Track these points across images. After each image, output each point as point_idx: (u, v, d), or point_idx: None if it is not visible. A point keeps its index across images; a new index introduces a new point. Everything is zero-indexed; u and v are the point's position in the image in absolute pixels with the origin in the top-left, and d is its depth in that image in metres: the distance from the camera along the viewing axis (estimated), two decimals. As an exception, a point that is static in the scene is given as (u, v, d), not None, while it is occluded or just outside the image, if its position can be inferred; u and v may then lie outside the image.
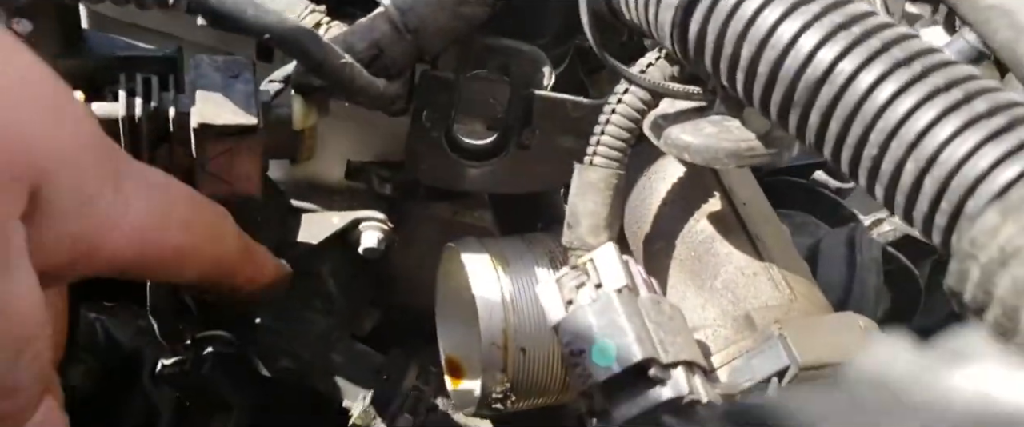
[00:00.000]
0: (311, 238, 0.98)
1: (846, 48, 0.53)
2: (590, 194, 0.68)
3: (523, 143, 0.82)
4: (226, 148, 0.74)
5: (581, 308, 0.62)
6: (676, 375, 0.59)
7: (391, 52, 0.74)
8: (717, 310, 0.67)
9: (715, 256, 0.70)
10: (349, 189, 1.03)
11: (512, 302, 0.82)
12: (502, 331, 0.81)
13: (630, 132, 0.67)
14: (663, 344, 0.60)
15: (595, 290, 0.62)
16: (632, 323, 0.59)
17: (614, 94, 0.68)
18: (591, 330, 0.60)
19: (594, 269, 0.63)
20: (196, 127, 0.71)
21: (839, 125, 0.52)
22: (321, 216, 1.00)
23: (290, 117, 0.78)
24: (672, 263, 0.72)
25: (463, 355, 0.95)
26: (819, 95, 0.53)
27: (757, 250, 0.70)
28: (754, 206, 0.74)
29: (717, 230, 0.71)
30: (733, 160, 0.62)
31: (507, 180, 0.87)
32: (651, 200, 0.75)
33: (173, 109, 0.72)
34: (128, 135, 0.72)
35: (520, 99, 0.79)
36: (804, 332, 0.62)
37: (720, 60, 0.58)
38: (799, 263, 0.72)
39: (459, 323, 0.95)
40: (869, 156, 0.51)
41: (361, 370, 0.98)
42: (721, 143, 0.62)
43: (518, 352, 0.81)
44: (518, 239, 0.89)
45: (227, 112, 0.72)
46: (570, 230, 0.69)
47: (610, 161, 0.67)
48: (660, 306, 0.62)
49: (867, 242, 0.86)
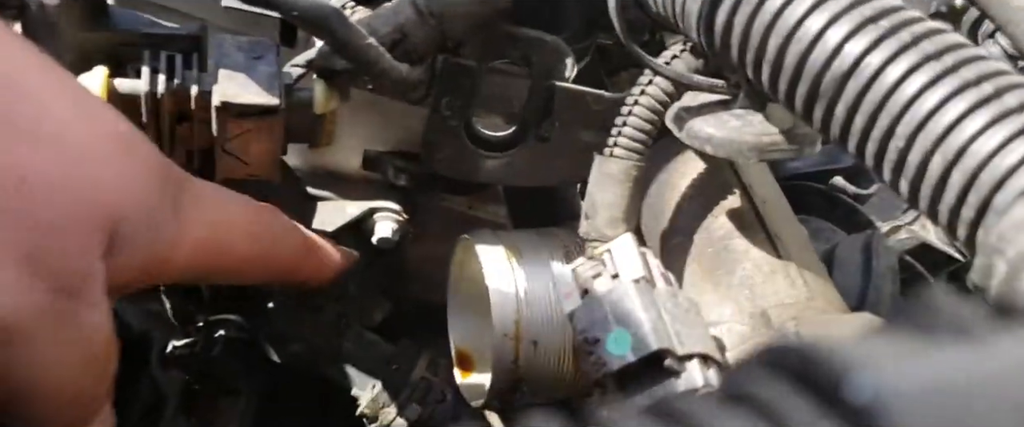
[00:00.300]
0: (326, 226, 0.98)
1: (874, 41, 0.52)
2: (609, 185, 0.67)
3: (542, 135, 0.82)
4: (246, 129, 0.74)
5: (597, 297, 0.61)
6: (691, 367, 0.59)
7: (414, 37, 0.74)
8: (733, 306, 0.67)
9: (733, 253, 0.70)
10: (364, 179, 1.03)
11: (525, 294, 0.81)
12: (514, 323, 0.80)
13: (652, 124, 0.66)
14: (679, 336, 0.59)
15: (611, 280, 0.62)
16: (648, 313, 0.59)
17: (637, 85, 0.68)
18: (607, 319, 0.60)
19: (611, 259, 0.63)
20: (218, 105, 0.71)
21: (865, 119, 0.52)
22: (336, 204, 1.00)
23: (311, 100, 0.78)
24: (689, 259, 0.72)
25: (474, 347, 0.94)
26: (846, 88, 0.53)
27: (775, 248, 0.69)
28: (773, 204, 0.73)
29: (735, 227, 0.70)
30: (755, 154, 0.62)
31: (524, 173, 0.87)
32: (669, 195, 0.75)
33: (195, 87, 0.72)
34: (150, 112, 0.72)
35: (541, 90, 0.79)
36: (820, 330, 0.62)
37: (746, 53, 0.58)
38: (817, 263, 0.71)
39: (471, 315, 0.95)
40: (895, 149, 0.50)
41: (371, 359, 0.97)
42: (743, 137, 0.62)
43: (530, 344, 0.81)
44: (532, 233, 0.89)
45: (249, 92, 0.72)
46: (587, 220, 0.69)
47: (631, 153, 0.67)
48: (676, 298, 0.62)
49: (884, 249, 0.85)
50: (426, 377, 0.97)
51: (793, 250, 0.70)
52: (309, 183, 1.01)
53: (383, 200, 1.00)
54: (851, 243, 0.87)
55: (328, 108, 0.80)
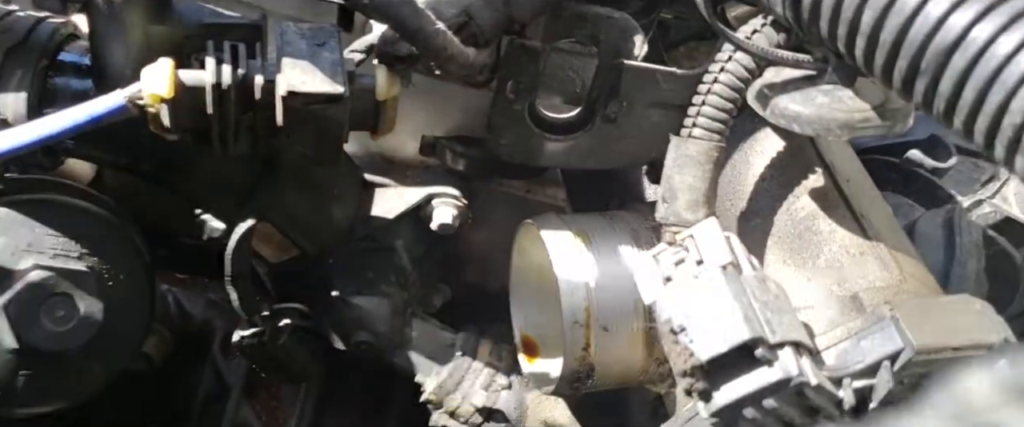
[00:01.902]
0: (386, 213, 0.97)
1: (981, 12, 0.49)
2: (688, 168, 0.65)
3: (609, 116, 0.80)
4: (311, 117, 0.73)
5: (682, 285, 0.59)
6: (784, 356, 0.57)
7: (480, 19, 0.72)
8: (821, 290, 0.65)
9: (817, 234, 0.67)
10: (422, 164, 1.02)
11: (595, 281, 0.80)
12: (585, 309, 0.79)
13: (733, 103, 0.64)
14: (770, 324, 0.57)
15: (696, 266, 0.60)
16: (739, 301, 0.57)
17: (716, 62, 0.65)
18: (694, 308, 0.58)
19: (694, 245, 0.61)
20: (283, 95, 0.70)
21: (975, 93, 0.49)
22: (395, 191, 0.99)
23: (374, 87, 0.77)
24: (770, 241, 0.69)
25: (538, 333, 0.93)
26: (950, 62, 0.50)
27: (862, 228, 0.66)
28: (858, 183, 0.70)
29: (819, 207, 0.68)
30: (846, 131, 0.59)
31: (589, 155, 0.85)
32: (747, 175, 0.73)
33: (260, 77, 0.71)
34: (215, 103, 0.71)
35: (608, 69, 0.77)
36: (917, 314, 0.59)
37: (838, 26, 0.55)
38: (906, 242, 0.68)
39: (534, 301, 0.94)
40: (1011, 125, 0.48)
41: (435, 346, 0.97)
42: (834, 114, 0.59)
43: (601, 331, 0.79)
44: (599, 216, 0.87)
45: (314, 80, 0.71)
46: (666, 205, 0.67)
47: (711, 133, 0.64)
48: (765, 284, 0.60)
49: (967, 224, 0.82)
50: (491, 362, 0.96)
51: (881, 229, 0.67)
52: (366, 170, 1.00)
53: (441, 186, 0.99)
54: (931, 219, 0.84)
55: (390, 94, 0.79)
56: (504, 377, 0.96)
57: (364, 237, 0.94)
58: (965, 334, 0.59)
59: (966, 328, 0.60)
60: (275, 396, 1.13)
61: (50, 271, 0.80)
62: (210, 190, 0.87)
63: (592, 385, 0.83)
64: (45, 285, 0.79)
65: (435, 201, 0.98)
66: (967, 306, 0.61)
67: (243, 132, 0.75)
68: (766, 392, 0.56)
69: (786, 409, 0.58)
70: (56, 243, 0.82)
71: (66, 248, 0.82)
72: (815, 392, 0.58)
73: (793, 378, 0.56)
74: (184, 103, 0.71)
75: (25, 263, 0.79)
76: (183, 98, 0.71)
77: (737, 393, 0.56)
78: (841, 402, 0.59)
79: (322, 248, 0.92)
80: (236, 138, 0.76)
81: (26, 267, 0.79)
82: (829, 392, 0.58)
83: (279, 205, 0.85)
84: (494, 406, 0.95)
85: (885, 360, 0.58)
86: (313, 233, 0.91)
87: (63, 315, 0.79)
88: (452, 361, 0.95)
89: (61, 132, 0.71)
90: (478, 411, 0.95)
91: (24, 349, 0.78)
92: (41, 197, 0.83)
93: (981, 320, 0.60)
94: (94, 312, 0.80)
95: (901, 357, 0.57)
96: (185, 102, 0.71)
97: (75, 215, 0.84)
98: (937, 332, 0.58)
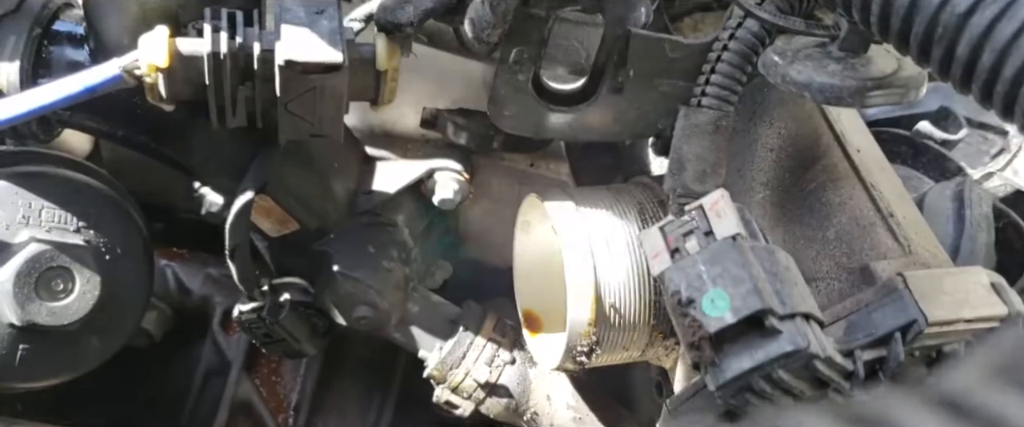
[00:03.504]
0: (387, 187, 0.96)
1: (1001, -26, 0.48)
2: (697, 138, 0.64)
3: (615, 86, 0.78)
4: (310, 86, 0.72)
5: (690, 257, 0.58)
6: (793, 327, 0.56)
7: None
8: (830, 262, 0.64)
9: (827, 205, 0.66)
10: (423, 138, 1.01)
11: (600, 253, 0.78)
12: (590, 284, 0.78)
13: (742, 71, 0.62)
14: (779, 295, 0.56)
15: (705, 238, 0.59)
16: (747, 272, 0.56)
17: (725, 30, 0.64)
18: (702, 279, 0.57)
19: (703, 216, 0.60)
20: (281, 64, 0.69)
21: (993, 58, 0.48)
22: (396, 165, 0.98)
23: (374, 56, 0.75)
24: (779, 212, 0.68)
25: (541, 308, 0.92)
26: (968, 25, 0.49)
27: (873, 199, 0.65)
28: (868, 153, 0.69)
29: (829, 178, 0.67)
30: (858, 100, 0.58)
31: (595, 127, 0.83)
32: (756, 146, 0.71)
33: (258, 45, 0.69)
34: (212, 72, 0.69)
35: (614, 38, 0.75)
36: (929, 285, 0.58)
37: (852, -10, 0.54)
38: (916, 213, 0.67)
39: (537, 275, 0.93)
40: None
41: (437, 321, 0.96)
42: (846, 82, 0.58)
43: (605, 305, 0.78)
44: (603, 190, 0.86)
45: (312, 49, 0.70)
46: (673, 176, 0.65)
47: (720, 102, 0.63)
48: (775, 255, 0.58)
49: (976, 197, 0.81)
50: (494, 338, 0.95)
51: (892, 201, 0.66)
52: (367, 143, 0.99)
53: (443, 159, 0.98)
54: (941, 191, 0.82)
55: (391, 64, 0.77)
56: (507, 352, 0.95)
57: (365, 212, 0.93)
58: (977, 306, 0.58)
59: (978, 300, 0.59)
60: (276, 371, 1.13)
61: (47, 244, 0.79)
62: (208, 163, 0.86)
63: (596, 361, 0.82)
64: (42, 258, 0.78)
65: (437, 175, 0.96)
66: (979, 278, 0.60)
67: (241, 103, 0.74)
68: (775, 364, 0.55)
69: (795, 381, 0.57)
70: (52, 216, 0.81)
71: (63, 221, 0.81)
72: (825, 364, 0.57)
73: (802, 350, 0.55)
74: (181, 73, 0.69)
75: (21, 236, 0.78)
76: (180, 67, 0.69)
77: (745, 365, 0.55)
78: (851, 374, 0.58)
79: (322, 222, 0.91)
80: (234, 110, 0.74)
81: (22, 240, 0.78)
82: (839, 364, 0.57)
83: (278, 178, 0.83)
84: (497, 381, 0.94)
85: (896, 332, 0.57)
86: (313, 207, 0.89)
87: (61, 289, 0.78)
88: (454, 336, 0.95)
89: (56, 102, 0.69)
90: (481, 386, 0.94)
91: (22, 324, 0.77)
92: (37, 169, 0.82)
93: (993, 292, 0.59)
94: (92, 286, 0.79)
95: (913, 329, 0.56)
96: (182, 72, 0.70)
97: (72, 188, 0.83)
98: (949, 304, 0.57)
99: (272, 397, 1.11)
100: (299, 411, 1.10)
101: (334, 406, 1.12)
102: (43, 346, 0.80)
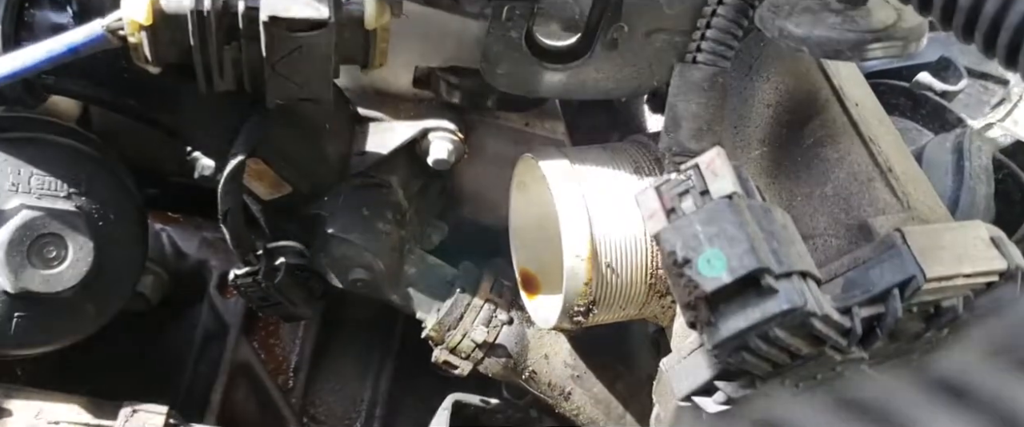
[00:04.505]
0: (380, 148, 0.94)
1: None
2: (693, 95, 0.62)
3: (610, 43, 0.77)
4: (297, 45, 0.70)
5: (686, 216, 0.57)
6: (790, 286, 0.55)
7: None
8: (827, 218, 0.63)
9: (825, 161, 0.65)
10: (416, 97, 0.99)
11: (596, 213, 0.78)
12: (586, 243, 0.77)
13: (739, 25, 0.61)
14: (776, 254, 0.55)
15: (701, 197, 0.58)
16: (744, 231, 0.55)
17: (721, -17, 0.62)
18: (698, 239, 0.56)
19: (698, 175, 0.59)
20: (266, 20, 0.67)
21: (996, 5, 0.46)
22: (388, 125, 0.97)
23: (362, 15, 0.74)
24: (776, 169, 0.67)
25: (538, 268, 0.92)
26: (972, -26, 0.47)
27: (871, 154, 0.64)
28: (867, 107, 0.68)
29: (827, 133, 0.66)
30: (857, 54, 0.57)
31: (590, 85, 0.82)
32: (752, 102, 0.70)
33: (242, 3, 0.68)
34: (196, 31, 0.68)
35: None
36: (928, 241, 0.57)
37: (851, -61, 0.52)
38: (915, 168, 0.66)
39: (534, 235, 0.92)
40: (1035, 41, 0.45)
41: (434, 282, 0.95)
42: (844, 35, 0.57)
43: (602, 265, 0.78)
44: (599, 148, 0.85)
45: (298, 5, 0.68)
46: (669, 135, 0.64)
47: (716, 57, 0.62)
48: (771, 214, 0.58)
49: (976, 149, 0.80)
50: (491, 299, 0.95)
51: (891, 155, 0.65)
52: (359, 104, 0.97)
53: (437, 119, 0.96)
54: (940, 143, 0.82)
55: (380, 23, 0.75)
56: (504, 312, 0.95)
57: (358, 173, 0.92)
58: (976, 261, 0.58)
59: (977, 255, 0.58)
60: (274, 334, 1.13)
61: (38, 211, 0.78)
62: (198, 128, 0.85)
63: (593, 319, 0.82)
64: (33, 225, 0.77)
65: (431, 135, 0.95)
66: (978, 232, 0.59)
67: (228, 65, 0.72)
68: (771, 322, 0.55)
69: (792, 339, 0.57)
70: (43, 182, 0.80)
71: (53, 188, 0.80)
72: (822, 322, 0.56)
73: (799, 308, 0.55)
74: (164, 32, 0.68)
75: (12, 203, 0.78)
76: (163, 26, 0.68)
77: (742, 324, 0.55)
78: (849, 331, 0.57)
79: (315, 185, 0.90)
80: (221, 72, 0.73)
81: (13, 207, 0.78)
82: (836, 321, 0.57)
83: (269, 141, 0.82)
84: (495, 341, 0.94)
85: (894, 288, 0.56)
86: (305, 169, 0.88)
87: (54, 256, 0.78)
88: (452, 297, 0.94)
89: (38, 64, 0.68)
90: (479, 347, 0.94)
91: (16, 291, 0.77)
92: (25, 135, 0.81)
93: (992, 246, 0.59)
94: (85, 252, 0.79)
95: (911, 285, 0.56)
96: (166, 31, 0.68)
97: (62, 153, 0.82)
98: (948, 259, 0.57)
99: (271, 359, 1.11)
100: (298, 372, 1.10)
101: (333, 367, 1.12)
102: (38, 313, 0.79)
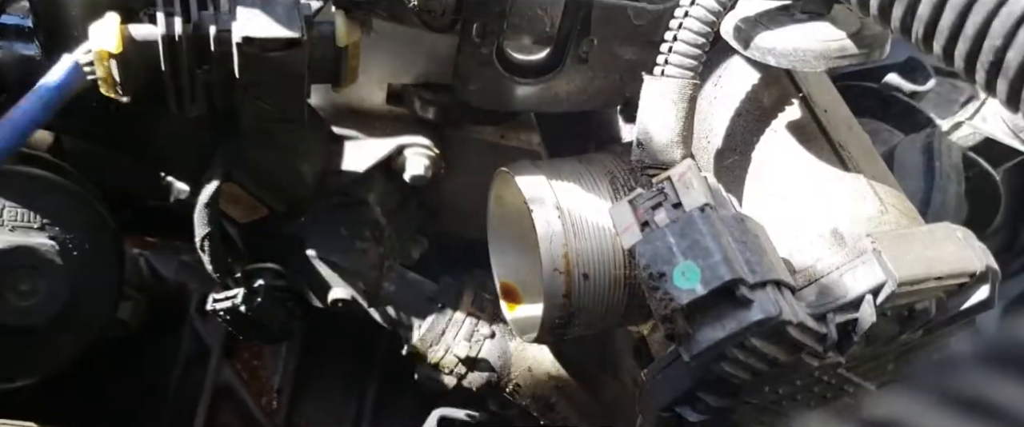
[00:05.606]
0: (356, 166, 0.94)
1: (961, -71, 0.47)
2: (662, 107, 0.63)
3: (580, 56, 0.77)
4: (269, 65, 0.70)
5: (660, 229, 0.58)
6: (764, 296, 0.56)
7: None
8: (800, 226, 0.63)
9: (795, 168, 0.66)
10: (390, 114, 0.99)
11: (572, 226, 0.78)
12: (563, 256, 0.77)
13: (705, 37, 0.61)
14: (750, 264, 0.56)
15: (674, 210, 0.58)
16: (717, 243, 0.56)
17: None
18: (672, 252, 0.57)
19: (671, 187, 0.59)
20: (239, 41, 0.67)
21: (954, 16, 0.47)
22: (364, 143, 0.96)
23: (333, 34, 0.74)
24: (747, 177, 0.68)
25: (519, 281, 0.92)
26: (929, -16, 0.48)
27: (841, 159, 0.65)
28: (835, 113, 0.69)
29: (797, 140, 0.66)
30: (822, 62, 0.57)
31: (562, 98, 0.82)
32: (722, 111, 0.71)
33: (213, 27, 0.68)
34: (168, 57, 0.68)
35: (577, 6, 0.74)
36: (899, 245, 0.58)
37: (812, -50, 0.53)
38: (885, 171, 0.67)
39: (513, 248, 0.92)
40: (991, 48, 0.46)
41: (415, 298, 0.95)
42: (809, 44, 0.57)
43: (580, 277, 0.78)
44: (574, 160, 0.85)
45: (270, 25, 0.68)
46: (641, 148, 0.65)
47: (684, 70, 0.62)
48: (744, 224, 0.58)
49: (946, 148, 0.81)
50: (473, 313, 0.95)
51: (861, 160, 0.66)
52: (333, 122, 0.97)
53: (412, 135, 0.96)
54: (910, 144, 0.83)
55: (350, 40, 0.75)
56: (486, 326, 0.95)
57: (335, 192, 0.92)
58: (948, 263, 0.59)
59: (948, 257, 0.59)
60: (257, 355, 1.12)
61: (11, 244, 0.77)
62: (171, 153, 0.84)
63: (574, 332, 0.82)
64: (7, 259, 0.77)
65: (407, 152, 0.95)
66: (949, 234, 0.60)
67: (200, 89, 0.72)
68: (747, 332, 0.56)
69: (769, 348, 0.57)
70: (16, 214, 0.79)
71: (26, 219, 0.79)
72: (797, 329, 0.57)
73: (774, 317, 0.55)
74: (135, 59, 0.68)
75: (-17, 237, 0.77)
76: (133, 53, 0.67)
77: (718, 335, 0.56)
78: (824, 337, 0.58)
79: (292, 206, 0.90)
80: (193, 96, 0.73)
81: (-15, 240, 0.77)
82: (812, 329, 0.58)
83: (244, 165, 0.82)
84: (477, 356, 0.94)
85: (868, 294, 0.57)
86: (281, 191, 0.88)
87: (28, 289, 0.77)
88: (433, 313, 0.94)
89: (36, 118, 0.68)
90: (462, 361, 0.94)
91: (-10, 324, 0.76)
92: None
93: (963, 248, 0.59)
94: (60, 284, 0.78)
95: (884, 290, 0.57)
96: (136, 58, 0.68)
97: (34, 185, 0.81)
98: (919, 263, 0.58)
99: (254, 381, 1.11)
100: (282, 393, 1.10)
101: (317, 386, 1.12)
102: (14, 346, 0.79)
